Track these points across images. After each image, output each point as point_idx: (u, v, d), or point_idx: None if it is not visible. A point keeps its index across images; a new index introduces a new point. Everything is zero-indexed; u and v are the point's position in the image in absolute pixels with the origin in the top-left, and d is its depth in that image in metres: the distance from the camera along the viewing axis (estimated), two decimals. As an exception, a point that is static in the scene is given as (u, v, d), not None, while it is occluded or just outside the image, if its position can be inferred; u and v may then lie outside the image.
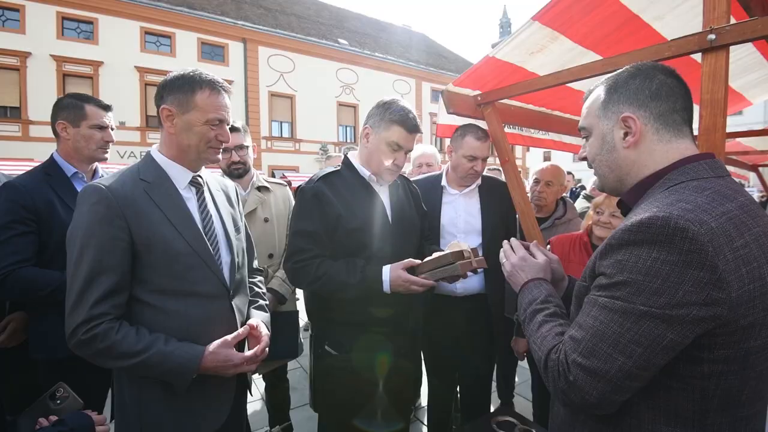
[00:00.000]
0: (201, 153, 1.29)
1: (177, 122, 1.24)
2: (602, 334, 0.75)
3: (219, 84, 1.28)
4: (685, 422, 0.75)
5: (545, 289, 1.03)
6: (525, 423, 1.79)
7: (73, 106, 1.78)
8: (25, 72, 15.01)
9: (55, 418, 1.19)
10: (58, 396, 1.30)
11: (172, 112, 1.24)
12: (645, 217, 0.73)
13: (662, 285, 0.69)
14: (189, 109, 1.23)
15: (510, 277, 1.14)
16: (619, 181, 0.93)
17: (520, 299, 1.06)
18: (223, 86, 1.29)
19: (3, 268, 1.51)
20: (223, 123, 1.29)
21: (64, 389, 1.32)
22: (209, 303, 1.28)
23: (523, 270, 1.10)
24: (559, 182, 2.56)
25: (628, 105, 0.88)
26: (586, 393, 0.75)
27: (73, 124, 1.78)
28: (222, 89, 1.29)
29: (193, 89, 1.23)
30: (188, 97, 1.23)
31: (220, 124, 1.28)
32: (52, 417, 1.20)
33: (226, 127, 1.31)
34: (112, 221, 1.13)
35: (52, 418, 1.19)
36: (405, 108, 1.63)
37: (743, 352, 0.71)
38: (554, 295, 1.02)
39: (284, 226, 2.31)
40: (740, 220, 0.72)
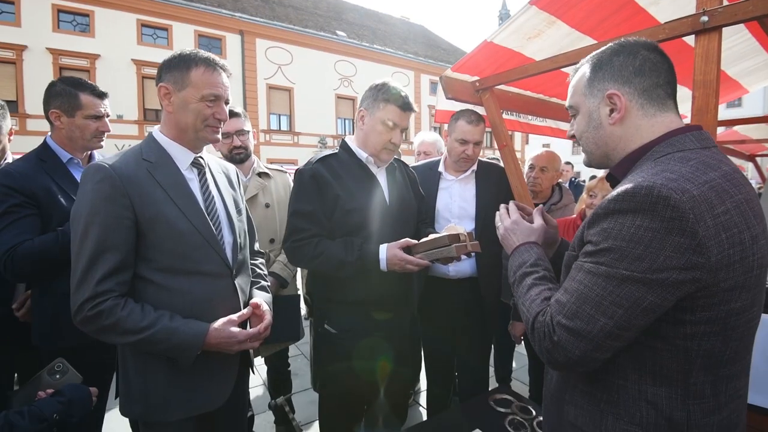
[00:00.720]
0: (198, 131, 1.29)
1: (174, 100, 1.25)
2: (585, 297, 0.78)
3: (215, 61, 1.28)
4: (669, 381, 0.79)
5: (535, 253, 1.05)
6: (521, 400, 1.84)
7: (67, 93, 1.68)
8: (22, 65, 14.90)
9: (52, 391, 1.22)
10: (57, 371, 1.32)
11: (168, 90, 1.24)
12: (630, 187, 0.76)
13: (644, 251, 0.73)
14: (184, 86, 1.24)
15: (503, 240, 1.16)
16: (606, 156, 0.96)
17: (510, 262, 1.09)
18: (219, 64, 1.29)
19: (11, 247, 1.50)
20: (219, 100, 1.28)
21: (63, 364, 1.34)
22: (212, 282, 1.30)
23: (515, 233, 1.12)
24: (554, 168, 2.58)
25: (613, 82, 0.90)
26: (569, 351, 0.79)
27: (67, 114, 1.69)
28: (218, 66, 1.28)
29: (189, 66, 1.24)
30: (183, 74, 1.24)
31: (217, 101, 1.27)
32: (50, 390, 1.23)
33: (224, 105, 1.30)
34: (116, 199, 1.15)
35: (50, 391, 1.22)
36: (397, 87, 1.67)
37: (724, 313, 0.75)
38: (543, 258, 1.04)
39: (285, 211, 2.31)
40: (722, 188, 0.75)
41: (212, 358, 1.27)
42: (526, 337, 2.40)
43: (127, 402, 1.27)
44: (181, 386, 1.26)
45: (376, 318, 1.72)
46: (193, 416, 1.29)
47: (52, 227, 1.60)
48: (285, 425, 2.55)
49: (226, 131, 2.15)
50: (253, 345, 1.33)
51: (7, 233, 1.52)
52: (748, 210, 0.75)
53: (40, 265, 1.55)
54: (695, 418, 0.78)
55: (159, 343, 1.16)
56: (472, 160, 2.12)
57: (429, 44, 28.19)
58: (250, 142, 2.25)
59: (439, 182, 2.20)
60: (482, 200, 2.13)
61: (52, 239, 1.55)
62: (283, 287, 2.22)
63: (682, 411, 0.78)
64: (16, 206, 1.55)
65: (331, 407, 1.84)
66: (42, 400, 1.17)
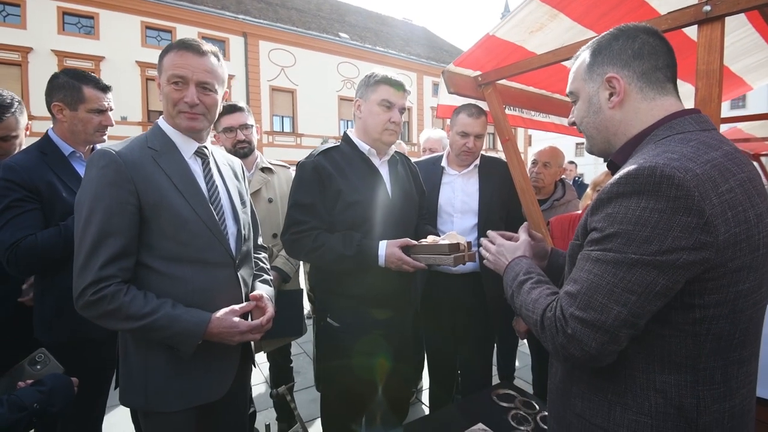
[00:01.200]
0: (174, 118, 1.26)
1: (161, 88, 1.26)
2: (597, 286, 0.77)
3: (187, 43, 1.23)
4: (678, 368, 0.77)
5: (525, 263, 1.06)
6: (525, 395, 1.83)
7: (70, 86, 1.66)
8: (27, 67, 15.00)
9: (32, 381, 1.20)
10: (39, 362, 1.31)
11: (157, 80, 1.26)
12: (632, 169, 0.75)
13: (652, 233, 0.71)
14: (161, 72, 1.24)
15: (495, 266, 1.18)
16: (607, 141, 0.95)
17: (504, 281, 1.09)
18: (192, 45, 1.23)
19: (14, 243, 1.49)
20: (187, 83, 1.22)
21: (44, 355, 1.32)
22: (215, 271, 1.29)
23: (502, 255, 1.15)
24: (557, 164, 2.58)
25: (612, 66, 0.90)
26: (585, 345, 0.76)
27: (70, 107, 1.66)
28: (190, 47, 1.22)
29: (166, 52, 1.24)
30: (161, 61, 1.24)
31: (183, 83, 1.22)
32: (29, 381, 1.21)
33: (194, 88, 1.23)
34: (121, 185, 1.14)
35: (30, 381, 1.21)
36: (386, 71, 1.69)
37: (732, 295, 0.74)
38: (534, 267, 1.05)
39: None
40: (725, 167, 0.74)
41: (213, 350, 1.27)
42: (530, 334, 2.39)
43: (127, 391, 1.26)
44: (182, 376, 1.26)
45: (377, 313, 1.71)
46: (193, 408, 1.28)
47: (54, 221, 1.59)
48: (287, 421, 2.55)
49: (230, 125, 2.15)
50: (255, 337, 1.32)
51: (9, 228, 1.51)
52: (751, 188, 0.75)
53: (43, 260, 1.54)
54: (705, 405, 0.77)
55: (160, 330, 1.15)
56: (473, 153, 2.11)
57: (431, 46, 28.23)
58: (254, 136, 2.25)
59: (442, 177, 2.20)
60: (485, 195, 2.13)
61: (55, 234, 1.55)
62: (285, 282, 2.22)
63: (692, 398, 0.77)
64: (18, 201, 1.53)
65: (332, 403, 1.83)
66: (22, 389, 1.16)
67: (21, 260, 1.50)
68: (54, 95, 1.67)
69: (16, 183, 1.53)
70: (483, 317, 2.18)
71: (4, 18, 14.89)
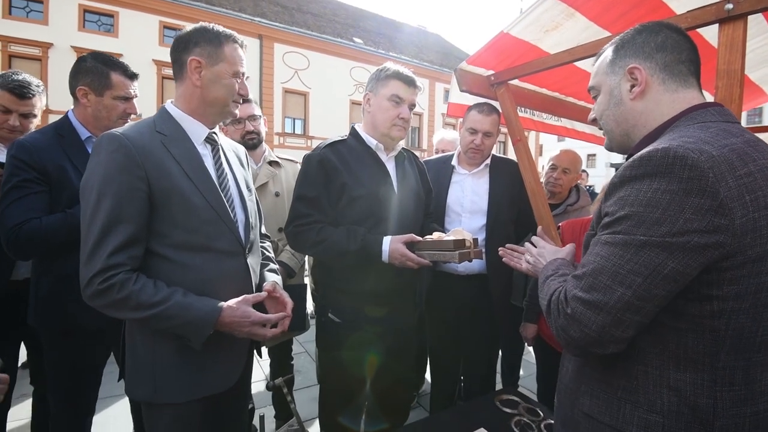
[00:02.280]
0: (226, 106, 1.30)
1: (205, 74, 1.24)
2: (602, 268, 0.75)
3: (240, 38, 1.32)
4: (695, 366, 0.73)
5: (558, 262, 1.05)
6: (529, 402, 1.78)
7: (98, 72, 1.63)
8: (47, 62, 15.33)
9: None
10: None
11: (201, 63, 1.23)
12: (645, 152, 0.73)
13: (663, 214, 0.69)
14: (218, 61, 1.24)
15: (534, 271, 1.18)
16: (626, 135, 0.93)
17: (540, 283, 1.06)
18: (242, 42, 1.33)
19: (17, 224, 1.45)
20: (243, 77, 1.32)
21: None
22: (225, 259, 1.27)
23: (542, 256, 1.15)
24: (575, 170, 2.52)
25: (634, 57, 0.89)
26: (585, 326, 0.74)
27: (96, 93, 1.64)
28: (242, 44, 1.33)
29: (221, 41, 1.24)
30: (217, 49, 1.24)
31: (242, 77, 1.32)
32: None
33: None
34: (131, 170, 1.12)
35: None
36: (398, 66, 1.66)
37: (753, 287, 0.70)
38: (567, 265, 1.04)
39: None
40: (744, 152, 0.71)
41: (223, 340, 1.23)
42: (537, 341, 2.34)
43: (134, 383, 1.23)
44: (191, 367, 1.22)
45: (380, 310, 1.68)
46: (198, 399, 1.25)
47: (61, 206, 1.56)
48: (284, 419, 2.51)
49: (240, 116, 2.14)
50: (267, 333, 1.26)
51: (14, 208, 1.47)
52: None
53: (44, 246, 1.51)
54: (723, 407, 0.72)
55: (172, 318, 1.12)
56: (482, 151, 2.08)
57: (445, 53, 28.31)
58: (262, 127, 2.24)
59: (452, 176, 2.18)
60: (495, 195, 2.09)
61: (59, 220, 1.51)
62: (290, 277, 2.20)
63: (708, 398, 0.73)
64: (26, 181, 1.50)
65: (331, 401, 1.80)
66: None
67: (22, 243, 1.46)
68: (80, 79, 1.64)
69: (26, 163, 1.51)
70: (488, 320, 2.14)
71: (27, 14, 15.28)
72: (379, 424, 1.84)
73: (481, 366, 2.24)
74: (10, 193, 1.49)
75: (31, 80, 1.86)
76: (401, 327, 1.78)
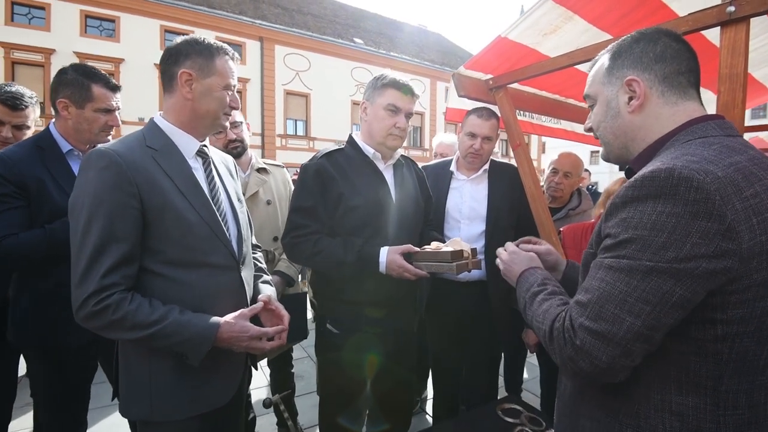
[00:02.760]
0: (216, 119, 1.29)
1: (196, 87, 1.22)
2: (608, 295, 0.72)
3: (232, 51, 1.31)
4: (697, 389, 0.71)
5: (540, 274, 1.02)
6: (531, 411, 1.76)
7: (79, 84, 1.59)
8: (50, 68, 15.41)
9: None
10: None
11: (192, 76, 1.21)
12: (648, 171, 0.71)
13: (669, 238, 0.66)
14: (210, 74, 1.23)
15: (506, 274, 1.15)
16: (624, 147, 0.90)
17: (517, 291, 1.05)
18: (234, 54, 1.32)
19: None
20: (234, 89, 1.31)
21: None
22: (220, 274, 1.26)
23: (515, 263, 1.11)
24: (577, 173, 2.49)
25: (632, 68, 0.86)
26: (595, 357, 0.71)
27: (76, 105, 1.60)
28: (235, 57, 1.32)
29: (212, 54, 1.23)
30: (208, 62, 1.22)
31: (233, 89, 1.31)
32: None
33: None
34: (122, 187, 1.09)
35: None
36: (395, 74, 1.64)
37: (759, 311, 0.67)
38: (550, 277, 1.01)
39: (286, 208, 2.25)
40: (750, 171, 0.68)
41: (219, 355, 1.21)
42: (540, 347, 2.31)
43: (129, 402, 1.20)
44: (188, 383, 1.20)
45: (378, 320, 1.67)
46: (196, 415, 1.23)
47: (41, 221, 1.51)
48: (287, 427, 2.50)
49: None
50: (265, 346, 1.25)
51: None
52: None
53: (22, 262, 1.48)
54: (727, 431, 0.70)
55: (170, 337, 1.10)
56: (481, 156, 2.05)
57: (446, 52, 28.24)
58: (245, 134, 2.16)
59: (451, 182, 2.15)
60: (494, 201, 2.07)
61: (38, 236, 1.47)
62: (290, 285, 2.18)
63: (712, 423, 0.70)
64: (4, 196, 1.47)
65: (331, 409, 1.79)
66: None
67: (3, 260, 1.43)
68: (60, 91, 1.61)
69: (4, 177, 1.47)
70: (489, 327, 2.12)
71: (30, 20, 15.40)
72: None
73: (482, 372, 2.22)
74: None
75: (24, 92, 1.86)
76: (400, 335, 1.76)
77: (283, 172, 2.40)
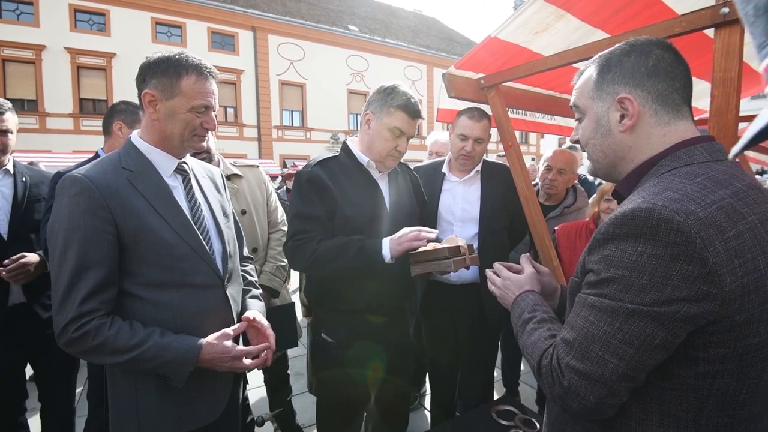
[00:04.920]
0: (185, 141, 1.23)
1: (160, 108, 1.18)
2: (593, 336, 0.72)
3: (206, 68, 1.22)
4: (678, 423, 0.71)
5: (531, 300, 1.01)
6: (525, 412, 1.77)
7: (131, 111, 2.05)
8: (41, 65, 15.22)
9: None
10: None
11: (155, 97, 1.17)
12: (629, 209, 0.69)
13: (649, 281, 0.66)
14: (174, 95, 1.17)
15: (501, 300, 1.14)
16: (612, 166, 0.88)
17: (511, 317, 1.05)
18: (210, 71, 1.23)
19: None
20: (209, 110, 1.23)
21: None
22: (203, 293, 1.24)
23: (509, 288, 1.10)
24: (572, 170, 2.46)
25: (624, 85, 0.82)
26: (583, 398, 0.72)
27: (129, 126, 2.02)
28: (209, 74, 1.23)
29: (179, 74, 1.17)
30: (173, 81, 1.17)
31: (206, 111, 1.23)
32: None
33: (212, 114, 1.25)
34: (95, 212, 1.08)
35: None
36: (407, 93, 1.60)
37: (740, 350, 0.67)
38: (540, 302, 1.00)
39: (264, 214, 2.16)
40: (733, 209, 0.67)
41: (206, 371, 1.21)
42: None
43: (116, 421, 1.21)
44: (175, 400, 1.20)
45: (372, 328, 1.66)
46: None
47: None
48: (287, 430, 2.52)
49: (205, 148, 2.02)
50: (249, 365, 1.25)
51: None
52: (763, 233, 0.67)
53: None
54: None
55: (151, 360, 1.10)
56: (473, 158, 2.03)
57: (442, 37, 27.84)
58: (212, 143, 2.00)
59: (443, 183, 2.13)
60: (487, 202, 2.05)
61: None
62: (274, 297, 2.16)
63: None
64: None
65: (328, 415, 1.80)
66: None
67: None
68: (115, 117, 2.03)
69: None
70: (484, 329, 2.12)
71: (18, 16, 15.11)
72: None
73: (478, 373, 2.22)
74: None
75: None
76: (395, 342, 1.75)
77: (257, 173, 2.27)
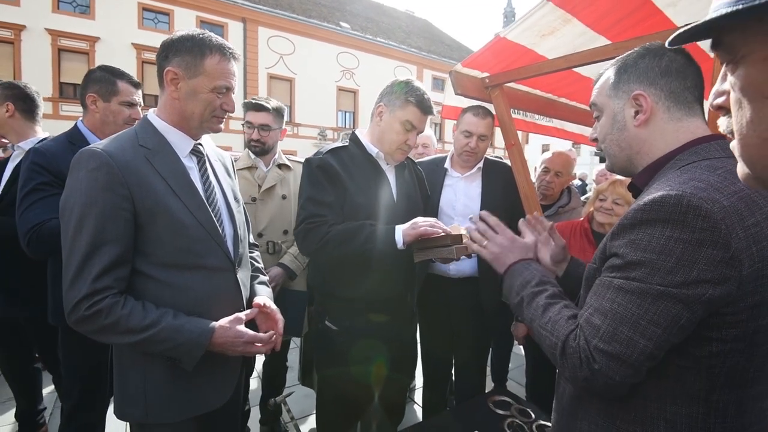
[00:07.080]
0: (204, 122, 1.22)
1: (182, 86, 1.16)
2: (621, 317, 0.75)
3: (229, 50, 1.20)
4: (691, 400, 0.76)
5: (538, 270, 1.01)
6: (521, 403, 1.83)
7: (106, 80, 1.81)
8: (20, 46, 14.67)
9: None
10: None
11: (177, 75, 1.15)
12: (658, 196, 0.73)
13: (677, 264, 0.70)
14: (197, 74, 1.16)
15: (494, 259, 1.10)
16: (629, 160, 0.93)
17: (509, 281, 1.04)
18: (233, 52, 1.22)
19: (38, 224, 1.53)
20: (230, 91, 1.22)
21: None
22: (215, 277, 1.23)
23: (510, 251, 1.08)
24: (568, 172, 2.54)
25: (639, 83, 0.88)
26: (610, 378, 0.75)
27: (103, 99, 1.81)
28: (232, 56, 1.21)
29: (203, 53, 1.15)
30: (197, 60, 1.15)
31: (227, 92, 1.22)
32: None
33: (232, 95, 1.24)
34: (114, 188, 1.06)
35: None
36: (421, 89, 1.63)
37: (751, 330, 0.72)
38: (548, 276, 1.01)
39: None
40: (751, 199, 0.72)
41: (215, 357, 1.20)
42: (527, 339, 2.38)
43: (124, 404, 1.19)
44: (183, 385, 1.19)
45: (376, 317, 1.68)
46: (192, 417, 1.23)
47: None
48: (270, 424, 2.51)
49: (250, 122, 2.20)
50: (260, 350, 1.25)
51: (34, 210, 1.56)
52: None
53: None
54: None
55: (163, 342, 1.08)
56: (476, 154, 2.07)
57: (432, 39, 28.03)
58: (272, 138, 2.26)
59: (445, 179, 2.17)
60: (488, 198, 2.09)
61: None
62: (292, 279, 2.20)
63: (702, 430, 0.75)
64: (44, 184, 1.59)
65: (328, 406, 1.81)
66: None
67: (42, 242, 1.52)
68: (89, 87, 1.81)
69: (44, 167, 1.61)
70: (479, 323, 2.17)
71: (-3, -6, 14.53)
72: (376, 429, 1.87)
73: (473, 364, 2.27)
74: (29, 196, 1.58)
75: None
76: (398, 333, 1.78)
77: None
